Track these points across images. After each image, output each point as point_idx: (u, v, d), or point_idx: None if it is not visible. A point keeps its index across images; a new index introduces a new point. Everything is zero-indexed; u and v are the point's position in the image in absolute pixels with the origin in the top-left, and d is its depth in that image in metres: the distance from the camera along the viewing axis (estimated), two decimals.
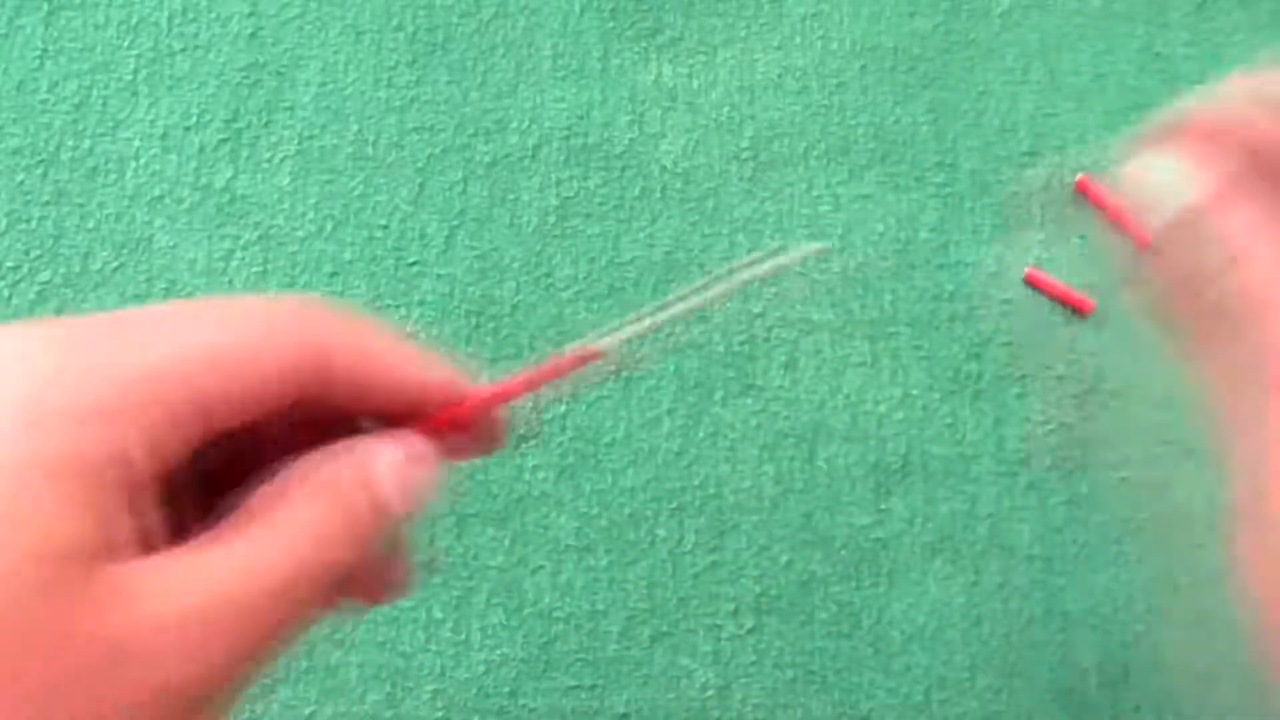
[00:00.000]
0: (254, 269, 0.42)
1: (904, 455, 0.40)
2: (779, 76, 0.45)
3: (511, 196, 0.43)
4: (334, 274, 0.42)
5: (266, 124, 0.43)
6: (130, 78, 0.44)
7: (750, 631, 0.39)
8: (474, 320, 0.42)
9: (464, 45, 0.45)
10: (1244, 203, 0.26)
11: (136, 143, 0.44)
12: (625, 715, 0.38)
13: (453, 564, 0.39)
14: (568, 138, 0.44)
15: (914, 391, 0.41)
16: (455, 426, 0.23)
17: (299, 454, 0.22)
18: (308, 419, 0.22)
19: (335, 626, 0.39)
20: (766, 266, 0.27)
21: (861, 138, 0.45)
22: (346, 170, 0.43)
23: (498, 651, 0.39)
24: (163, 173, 0.43)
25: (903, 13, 0.46)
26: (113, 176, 0.43)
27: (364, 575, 0.23)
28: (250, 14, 0.45)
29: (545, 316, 0.42)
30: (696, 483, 0.40)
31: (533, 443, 0.40)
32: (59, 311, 0.41)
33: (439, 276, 0.42)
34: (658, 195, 0.44)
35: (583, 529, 0.40)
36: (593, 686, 0.39)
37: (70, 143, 0.44)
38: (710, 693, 0.39)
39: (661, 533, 0.40)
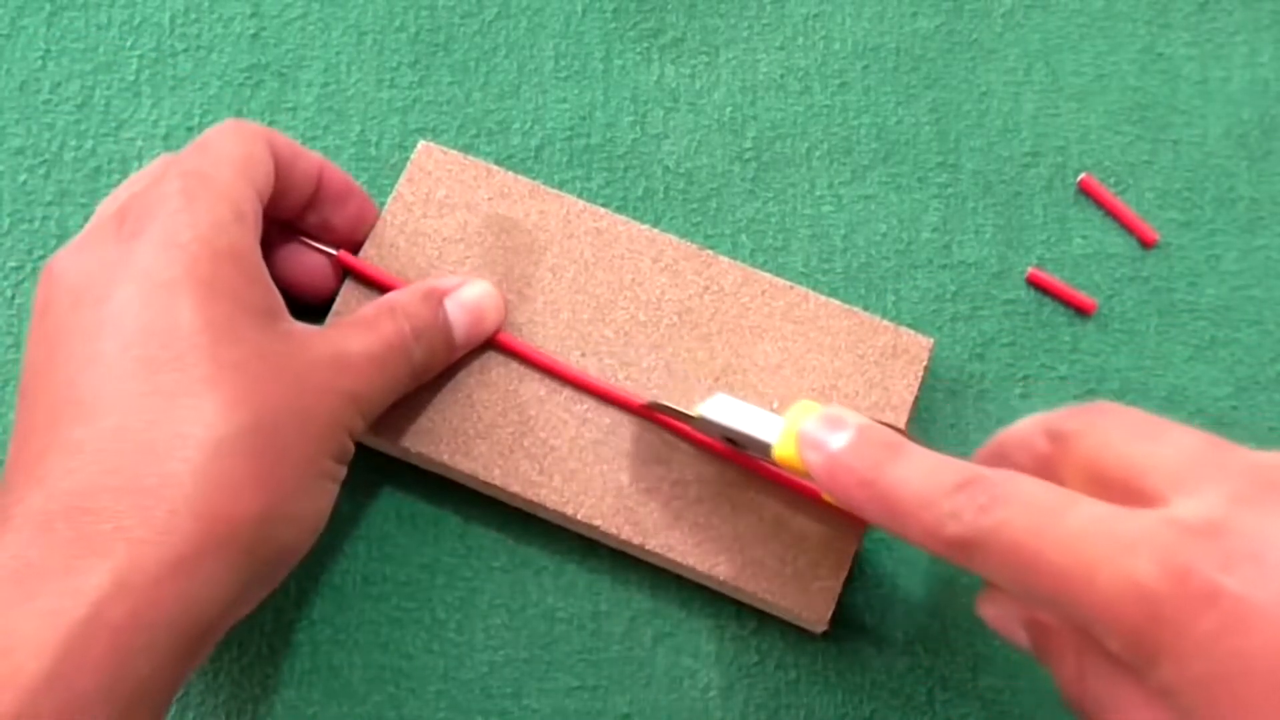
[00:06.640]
0: None
1: None
2: (781, 77, 0.45)
3: None
4: None
5: (269, 125, 0.43)
6: (133, 78, 0.44)
7: (754, 632, 0.39)
8: None
9: (466, 46, 0.45)
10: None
11: (139, 143, 0.44)
12: (628, 715, 0.38)
13: (456, 565, 0.39)
14: (570, 138, 0.44)
15: None
16: None
17: None
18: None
19: (339, 628, 0.39)
20: None
21: (864, 138, 0.45)
22: (350, 171, 0.43)
23: (501, 652, 0.39)
24: None
25: (905, 13, 0.46)
26: (115, 177, 0.43)
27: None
28: (253, 15, 0.45)
29: None
30: None
31: None
32: None
33: None
34: (661, 196, 0.44)
35: None
36: (595, 687, 0.39)
37: (73, 143, 0.44)
38: (713, 693, 0.39)
39: None
